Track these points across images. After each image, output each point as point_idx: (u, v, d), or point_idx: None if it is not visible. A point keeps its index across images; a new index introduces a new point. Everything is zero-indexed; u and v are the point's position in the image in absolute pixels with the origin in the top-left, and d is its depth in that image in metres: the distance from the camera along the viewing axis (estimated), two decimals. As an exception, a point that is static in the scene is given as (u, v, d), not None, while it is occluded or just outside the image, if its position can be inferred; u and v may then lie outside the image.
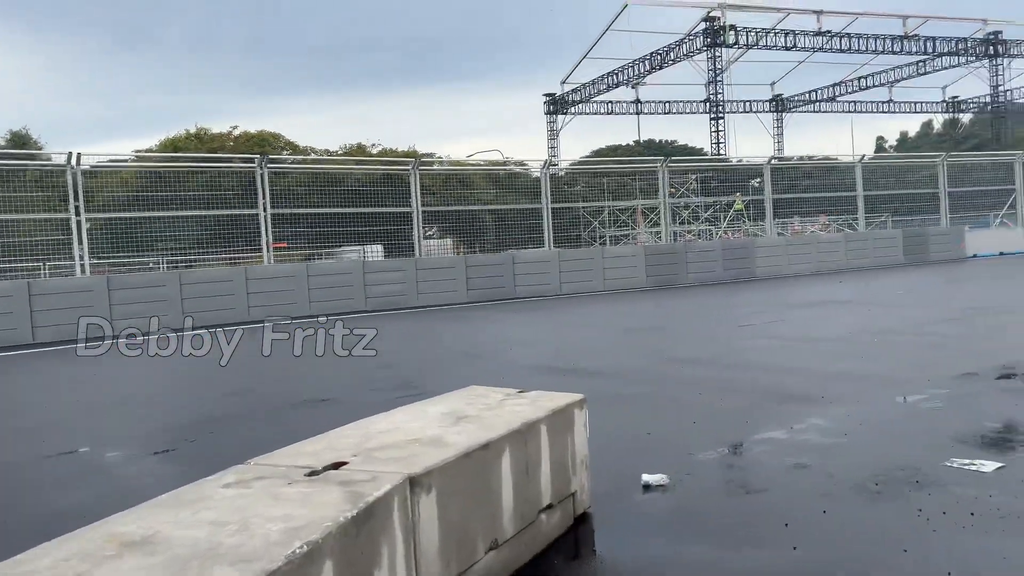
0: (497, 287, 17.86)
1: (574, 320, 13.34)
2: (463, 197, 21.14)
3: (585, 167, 25.36)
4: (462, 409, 3.43)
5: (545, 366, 8.03)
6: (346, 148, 34.27)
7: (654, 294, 17.51)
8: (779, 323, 10.63)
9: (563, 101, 45.37)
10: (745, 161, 26.66)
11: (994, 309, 10.73)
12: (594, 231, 26.23)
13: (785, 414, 5.32)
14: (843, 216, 26.85)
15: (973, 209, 27.21)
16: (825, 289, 16.29)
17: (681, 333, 10.68)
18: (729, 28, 32.81)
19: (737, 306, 14.11)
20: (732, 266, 20.70)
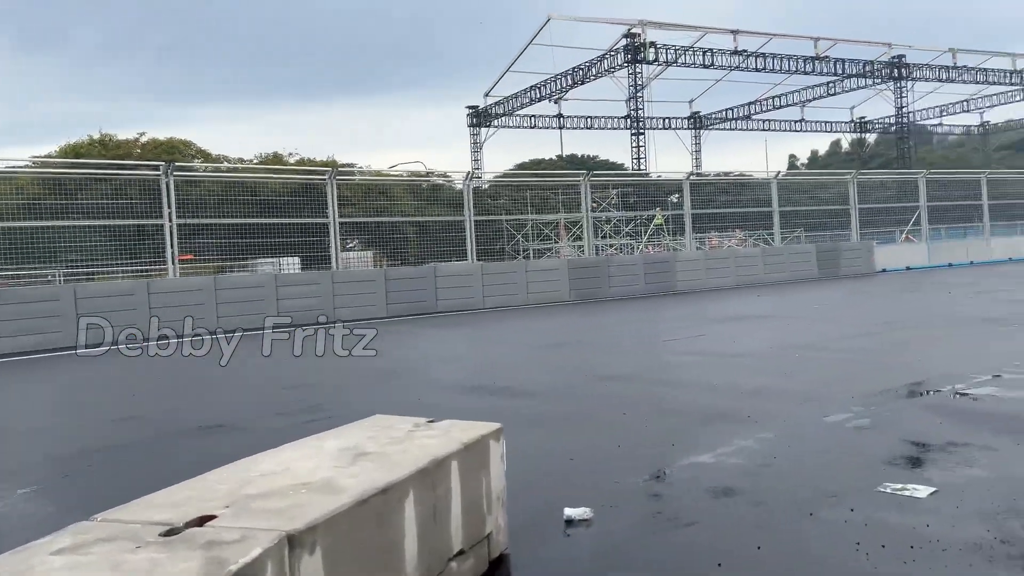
0: (418, 301, 17.40)
1: (497, 335, 13.02)
2: (384, 209, 20.63)
3: (508, 180, 25.18)
4: (363, 444, 3.04)
5: (466, 385, 7.67)
6: (262, 157, 33.21)
7: (578, 308, 17.37)
8: (702, 338, 10.55)
9: (486, 114, 45.25)
10: (665, 177, 26.99)
11: (907, 324, 10.92)
12: (517, 245, 26.07)
13: (711, 435, 5.10)
14: (758, 231, 27.49)
15: (880, 225, 28.24)
16: (744, 303, 16.45)
17: (605, 349, 10.48)
18: (649, 45, 33.31)
19: (660, 320, 14.06)
20: (653, 280, 20.79)
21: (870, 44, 39.45)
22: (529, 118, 46.25)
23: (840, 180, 27.10)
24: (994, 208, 28.98)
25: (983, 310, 11.85)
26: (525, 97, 41.82)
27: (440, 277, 17.76)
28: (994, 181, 29.71)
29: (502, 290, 18.43)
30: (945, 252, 27.71)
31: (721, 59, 35.90)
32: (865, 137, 64.42)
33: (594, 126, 48.21)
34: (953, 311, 11.99)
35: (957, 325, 10.27)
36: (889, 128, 57.50)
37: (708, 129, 53.89)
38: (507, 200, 25.79)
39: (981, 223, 29.10)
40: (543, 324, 14.38)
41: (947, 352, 8.21)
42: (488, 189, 27.61)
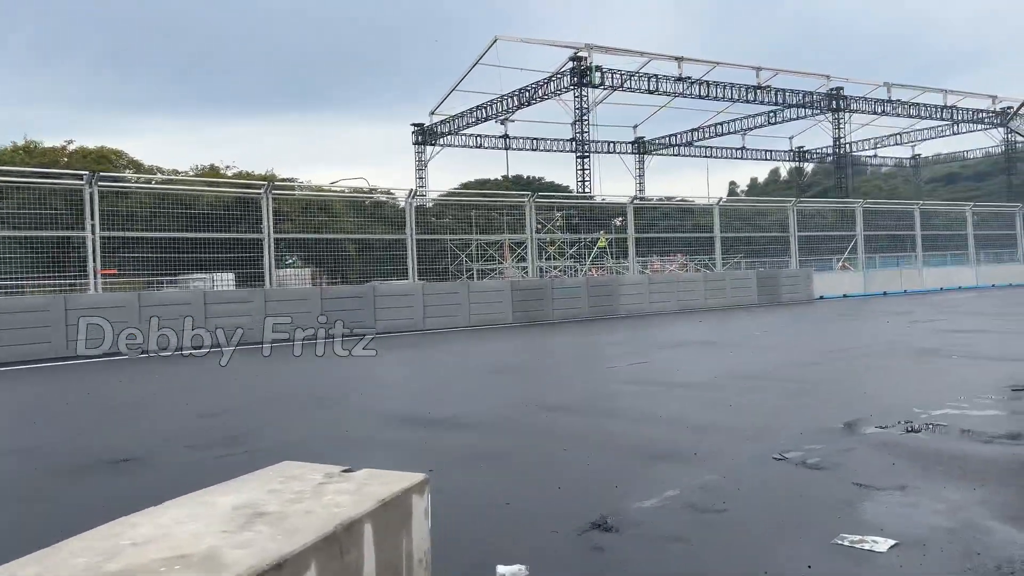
0: (356, 321, 16.83)
1: (436, 358, 12.59)
2: (324, 225, 20.08)
3: (453, 199, 24.84)
4: (262, 501, 2.61)
5: (398, 415, 7.23)
6: (198, 169, 32.19)
7: (520, 331, 17.04)
8: (645, 365, 10.31)
9: (432, 132, 44.91)
10: (609, 200, 26.98)
11: (850, 353, 10.87)
12: (461, 265, 25.69)
13: (657, 476, 4.79)
14: (699, 256, 27.68)
15: (818, 253, 28.75)
16: (687, 329, 16.36)
17: (547, 375, 10.16)
18: (595, 69, 33.50)
19: (603, 345, 13.82)
20: (597, 303, 20.63)
21: (810, 76, 40.56)
22: (475, 137, 46.11)
23: (780, 207, 27.50)
24: (926, 239, 29.79)
25: (921, 340, 11.91)
26: (471, 116, 41.66)
27: (379, 296, 17.26)
28: (927, 212, 30.58)
29: (443, 311, 18.01)
30: (880, 281, 28.33)
31: (666, 85, 36.36)
32: (803, 166, 66.18)
33: (540, 148, 48.31)
34: (892, 341, 12.02)
35: (898, 356, 10.25)
36: (826, 158, 59.12)
37: (651, 154, 54.56)
38: (452, 219, 25.44)
39: (914, 253, 29.88)
40: (485, 347, 14.00)
41: (891, 384, 8.10)
42: (433, 208, 27.22)
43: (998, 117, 48.92)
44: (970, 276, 30.89)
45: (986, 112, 48.52)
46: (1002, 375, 8.25)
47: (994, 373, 8.44)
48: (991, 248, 33.49)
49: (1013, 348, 10.66)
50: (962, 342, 11.46)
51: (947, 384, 7.86)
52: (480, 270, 26.78)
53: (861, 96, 42.72)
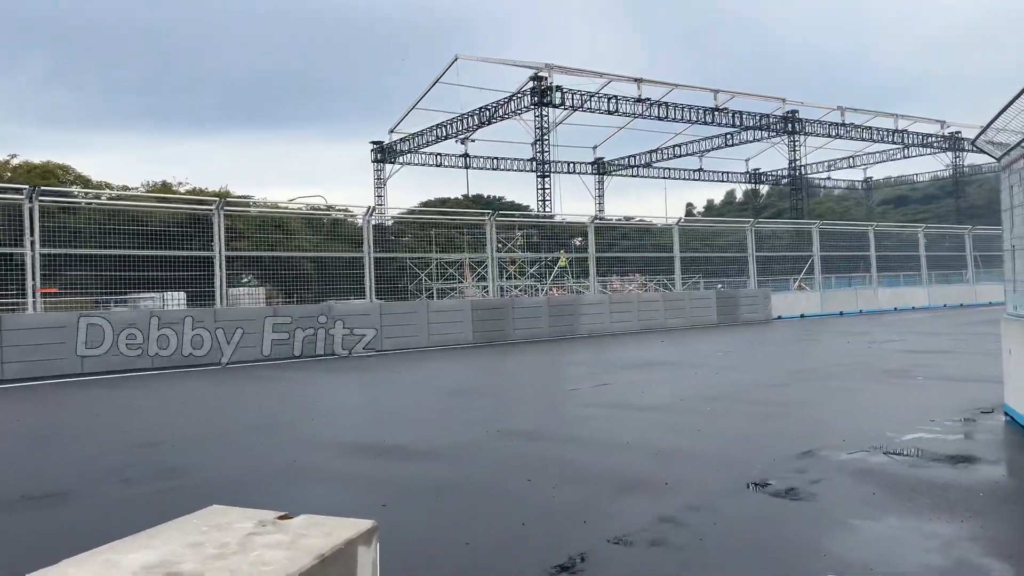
0: (312, 342, 16.33)
1: (394, 381, 12.16)
2: (280, 243, 19.54)
3: (412, 217, 24.45)
4: (179, 557, 2.23)
5: (350, 443, 6.82)
6: (149, 186, 31.32)
7: (481, 352, 16.69)
8: (608, 387, 10.03)
9: (391, 150, 44.47)
10: (570, 219, 26.86)
11: (814, 374, 10.74)
12: (420, 284, 25.27)
13: (627, 509, 4.48)
14: (658, 276, 27.67)
15: (775, 273, 28.95)
16: (649, 349, 16.17)
17: (508, 398, 9.82)
18: (555, 89, 33.51)
19: (565, 366, 13.55)
20: (558, 323, 20.39)
21: (766, 99, 41.15)
22: (435, 156, 45.81)
23: (739, 228, 27.65)
24: (880, 259, 30.22)
25: (883, 361, 11.85)
26: (431, 135, 41.36)
27: (336, 317, 16.75)
28: (880, 233, 31.05)
29: (402, 331, 17.57)
30: (837, 301, 28.60)
31: (625, 106, 36.53)
32: (758, 188, 67.17)
33: (500, 167, 48.21)
34: (855, 361, 11.94)
35: (863, 377, 10.13)
36: (781, 180, 60.07)
37: (611, 175, 54.85)
38: (411, 238, 25.04)
39: (869, 273, 30.28)
40: (444, 369, 13.61)
41: (860, 407, 7.93)
42: (392, 226, 26.78)
43: (947, 141, 50.25)
44: (923, 296, 31.40)
45: (935, 137, 49.81)
46: (969, 397, 8.14)
47: (961, 394, 8.34)
48: (942, 269, 34.13)
49: (974, 368, 10.63)
50: (924, 362, 11.42)
51: (917, 406, 7.71)
52: (440, 289, 26.39)
53: (816, 119, 43.51)
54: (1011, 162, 6.89)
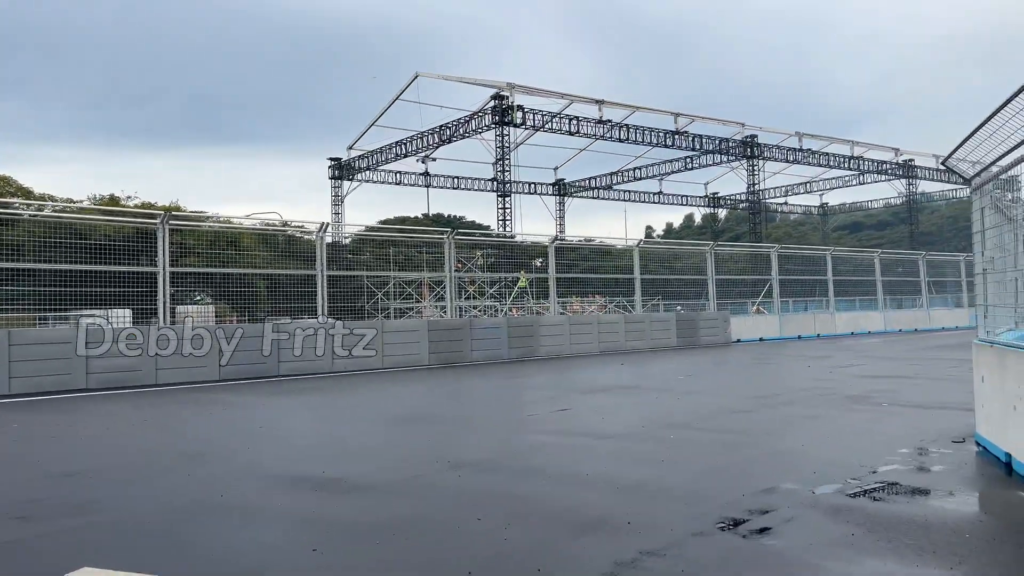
0: (258, 362, 15.66)
1: (343, 405, 11.60)
2: (233, 260, 18.84)
3: (369, 234, 23.88)
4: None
5: (287, 474, 6.27)
6: (96, 199, 30.26)
7: (437, 373, 16.17)
8: (568, 413, 9.61)
9: (349, 167, 43.78)
10: (530, 239, 26.55)
11: (777, 400, 10.45)
12: (377, 303, 24.66)
13: (587, 553, 4.04)
14: (618, 297, 27.46)
15: (734, 296, 28.95)
16: (609, 372, 15.81)
17: (463, 424, 9.33)
18: (517, 108, 33.31)
19: (523, 390, 13.10)
20: (517, 344, 19.97)
21: (725, 123, 41.50)
22: (395, 174, 45.27)
23: (698, 251, 27.60)
24: (836, 284, 30.42)
25: (847, 386, 11.63)
26: (390, 152, 40.81)
27: (284, 336, 16.11)
28: (837, 258, 31.31)
29: (355, 352, 16.97)
30: (795, 325, 28.67)
31: (586, 127, 36.50)
32: (717, 212, 67.81)
33: (461, 186, 47.83)
34: (818, 387, 11.71)
35: (828, 403, 9.86)
36: (739, 204, 60.73)
37: (572, 196, 54.83)
38: (370, 256, 24.48)
39: (826, 298, 30.46)
40: (397, 393, 13.07)
41: (829, 436, 7.62)
42: (350, 244, 26.21)
43: (900, 168, 51.27)
44: (879, 321, 31.69)
45: (889, 164, 50.78)
46: (937, 425, 7.89)
47: (928, 423, 8.09)
48: (896, 294, 34.55)
49: (937, 395, 10.45)
50: (887, 388, 11.22)
51: (886, 435, 7.43)
52: (398, 309, 25.81)
53: (774, 144, 44.01)
54: (982, 183, 6.68)
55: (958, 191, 58.84)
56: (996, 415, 6.27)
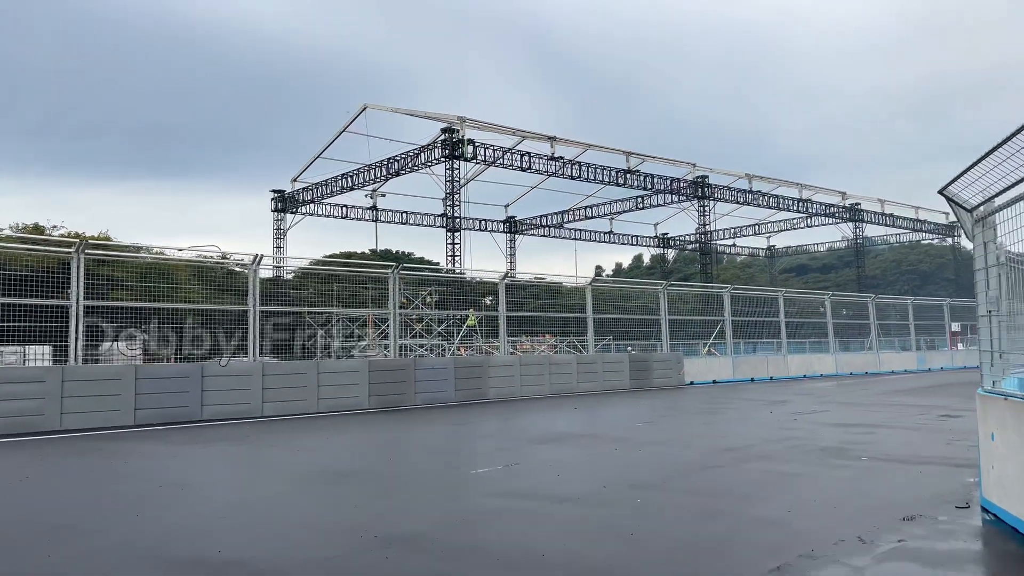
0: (179, 406, 14.28)
1: (265, 458, 10.34)
2: (165, 295, 17.46)
3: (310, 268, 22.59)
4: None
5: (175, 557, 5.08)
6: (18, 228, 28.35)
7: (377, 419, 14.96)
8: (519, 469, 8.56)
9: (293, 200, 42.31)
10: (480, 276, 25.60)
11: (749, 453, 9.57)
12: (316, 342, 23.32)
13: None
14: (568, 337, 26.57)
15: (685, 337, 28.38)
16: (562, 418, 14.83)
17: (398, 483, 8.20)
18: (467, 142, 32.53)
19: (470, 439, 12.00)
20: (464, 386, 18.87)
21: (677, 163, 41.41)
22: (341, 208, 43.97)
23: (651, 290, 26.97)
24: (788, 326, 30.08)
25: (817, 437, 10.84)
26: (335, 185, 39.50)
27: (209, 377, 14.76)
28: (789, 300, 31.04)
29: (287, 394, 15.70)
30: (748, 367, 28.14)
31: (538, 164, 35.92)
32: (666, 253, 67.93)
33: (410, 221, 46.75)
34: (788, 437, 10.89)
35: (803, 458, 9.02)
36: (688, 245, 60.91)
37: (523, 234, 54.22)
38: (312, 292, 23.20)
39: (778, 340, 30.08)
40: (329, 442, 11.85)
41: (815, 499, 6.72)
42: (292, 280, 24.89)
43: (847, 212, 51.99)
44: (830, 364, 31.43)
45: (837, 207, 51.45)
46: (931, 486, 7.08)
47: (920, 483, 7.28)
48: (845, 337, 34.44)
49: (917, 447, 9.70)
50: (861, 440, 10.45)
51: (879, 499, 6.57)
52: (343, 347, 24.51)
53: (725, 185, 44.09)
54: (986, 215, 5.95)
55: (902, 235, 60.09)
56: (1013, 478, 5.44)
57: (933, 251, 70.09)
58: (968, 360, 38.05)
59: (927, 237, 61.59)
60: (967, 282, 63.26)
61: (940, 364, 36.53)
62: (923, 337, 37.71)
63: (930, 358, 36.65)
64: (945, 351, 38.59)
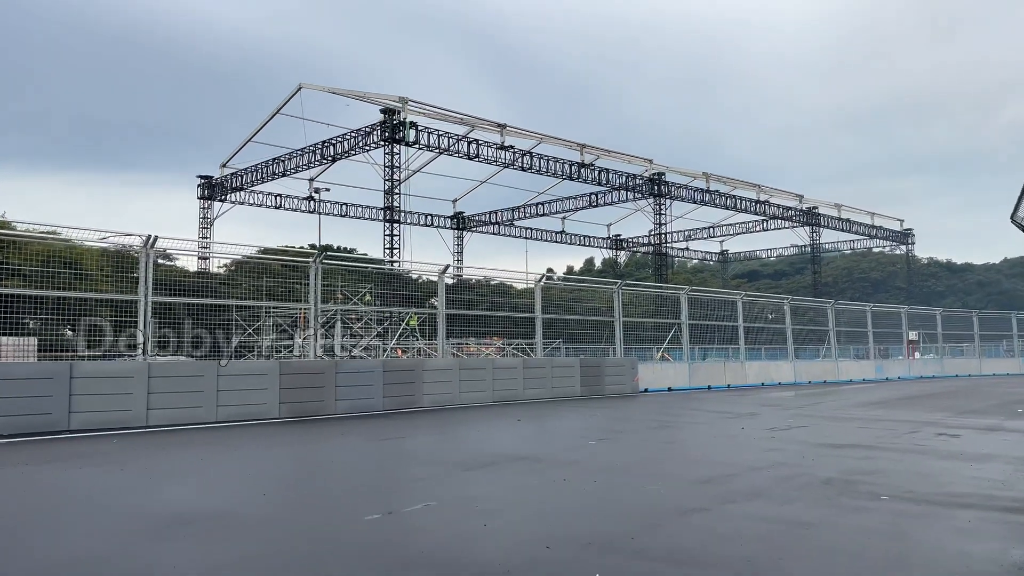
0: (38, 413, 11.74)
1: (110, 488, 7.96)
2: (70, 286, 14.96)
3: (220, 254, 19.97)
4: None
5: None
6: None
7: (283, 433, 12.61)
8: (433, 511, 6.37)
9: (222, 187, 39.24)
10: (416, 268, 23.35)
11: (734, 488, 7.55)
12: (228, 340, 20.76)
13: None
14: (516, 340, 24.45)
15: (639, 341, 26.56)
16: (504, 432, 12.70)
17: (269, 538, 5.94)
18: (410, 125, 30.06)
19: (383, 463, 9.76)
20: (395, 392, 16.60)
21: (633, 159, 39.48)
22: (275, 197, 41.09)
23: (606, 289, 25.03)
24: (745, 331, 28.45)
25: (808, 462, 8.90)
26: (267, 171, 36.56)
27: (79, 379, 12.23)
28: (748, 303, 29.45)
29: (179, 400, 13.24)
30: (705, 374, 26.41)
31: (488, 152, 33.66)
32: (617, 256, 66.31)
33: (350, 214, 44.06)
34: (773, 462, 8.93)
35: (805, 495, 7.04)
36: (641, 247, 59.42)
37: (471, 231, 51.92)
38: (240, 284, 20.66)
39: (736, 346, 28.44)
40: (205, 465, 9.50)
41: (844, 570, 4.69)
42: (224, 273, 22.34)
43: (805, 215, 50.89)
44: (789, 372, 29.94)
45: (795, 210, 50.29)
46: (985, 540, 5.11)
47: (969, 535, 5.31)
48: (801, 344, 33.06)
49: (942, 480, 7.80)
50: (865, 468, 8.52)
51: (946, 570, 4.56)
52: (277, 345, 22.01)
53: (683, 184, 42.43)
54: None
55: (857, 242, 59.38)
56: None
57: (884, 259, 69.94)
58: (924, 370, 37.14)
59: (881, 244, 61.10)
60: (919, 291, 63.14)
61: (897, 373, 35.48)
62: (877, 345, 36.66)
63: (887, 367, 35.57)
64: (901, 359, 37.59)
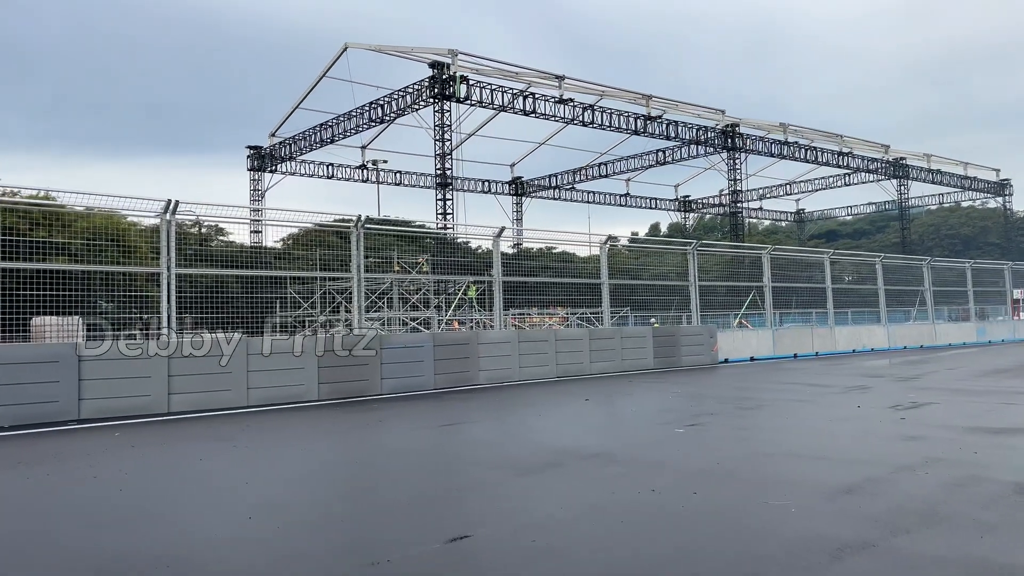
0: (46, 401, 10.44)
1: (90, 498, 6.41)
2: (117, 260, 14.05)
3: (235, 219, 18.41)
4: None
5: None
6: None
7: (323, 418, 11.06)
8: (483, 548, 4.56)
9: (272, 157, 38.03)
10: (471, 233, 21.51)
11: (892, 501, 5.54)
12: (281, 313, 19.49)
13: None
14: (580, 309, 22.43)
15: (714, 307, 24.25)
16: (567, 417, 10.86)
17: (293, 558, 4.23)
18: (460, 79, 28.02)
19: (420, 464, 8.00)
20: (447, 368, 14.94)
21: (703, 109, 36.50)
22: (326, 167, 39.72)
23: (678, 250, 22.81)
24: (834, 294, 25.85)
25: (968, 456, 6.80)
26: (315, 137, 34.99)
27: (89, 361, 10.86)
28: (836, 264, 26.79)
29: (205, 383, 11.82)
30: (790, 341, 23.98)
31: (546, 107, 31.35)
32: (684, 222, 63.15)
33: (404, 182, 42.50)
34: (922, 456, 6.87)
35: (997, 513, 5.00)
36: (711, 207, 56.35)
37: (530, 196, 49.83)
38: (295, 258, 19.41)
39: (824, 310, 25.87)
40: (236, 462, 7.91)
41: None
42: (280, 248, 21.16)
43: (891, 167, 46.94)
44: (882, 337, 27.21)
45: (880, 162, 46.43)
46: None
47: None
48: (895, 306, 30.18)
49: None
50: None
51: None
52: (330, 320, 20.77)
53: (758, 136, 39.24)
54: None
55: (947, 195, 54.84)
56: None
57: (975, 214, 64.94)
58: (1034, 331, 33.78)
59: (973, 198, 56.41)
60: (1016, 247, 58.20)
61: (1001, 336, 32.25)
62: (979, 306, 33.38)
63: (990, 329, 32.34)
64: (1005, 321, 34.19)
